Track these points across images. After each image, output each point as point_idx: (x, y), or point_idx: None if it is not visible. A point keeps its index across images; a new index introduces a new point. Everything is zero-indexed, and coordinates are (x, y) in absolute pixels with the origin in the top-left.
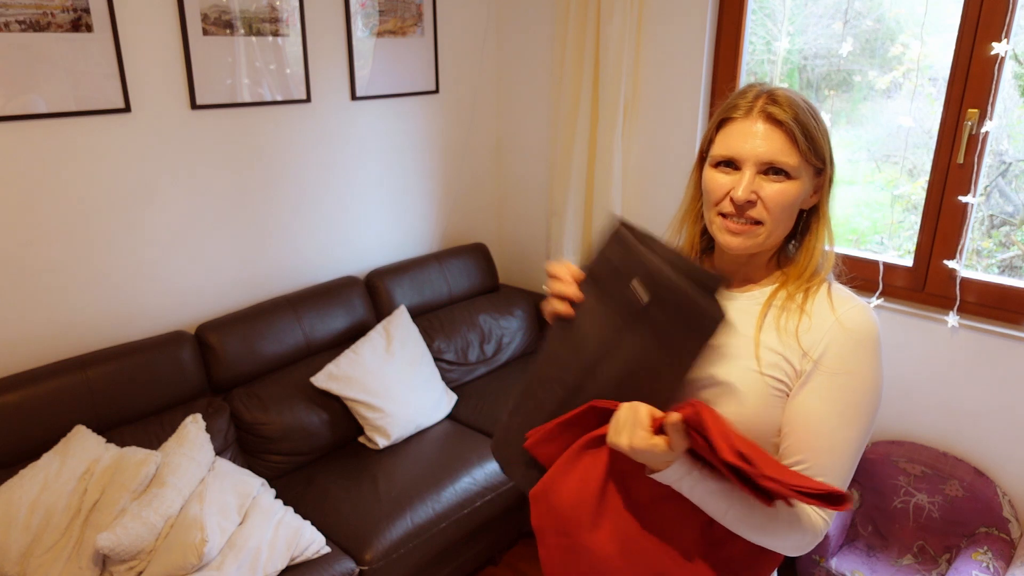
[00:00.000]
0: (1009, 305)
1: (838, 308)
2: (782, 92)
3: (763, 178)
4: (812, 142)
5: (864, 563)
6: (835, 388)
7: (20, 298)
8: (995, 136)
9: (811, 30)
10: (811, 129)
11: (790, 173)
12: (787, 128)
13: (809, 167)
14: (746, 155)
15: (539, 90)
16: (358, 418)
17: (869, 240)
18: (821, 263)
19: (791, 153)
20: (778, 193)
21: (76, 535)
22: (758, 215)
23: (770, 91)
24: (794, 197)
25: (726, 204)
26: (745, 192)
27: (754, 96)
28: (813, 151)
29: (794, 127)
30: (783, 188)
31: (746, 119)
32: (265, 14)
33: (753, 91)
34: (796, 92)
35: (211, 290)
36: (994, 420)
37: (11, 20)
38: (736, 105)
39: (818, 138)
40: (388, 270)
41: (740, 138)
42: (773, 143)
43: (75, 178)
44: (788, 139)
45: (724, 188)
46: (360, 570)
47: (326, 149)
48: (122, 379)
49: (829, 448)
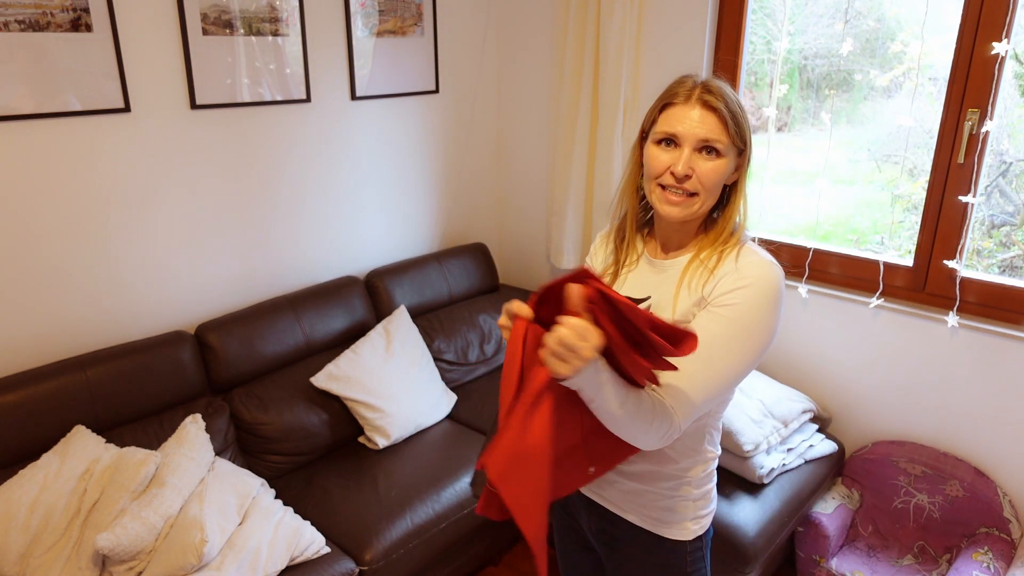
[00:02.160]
0: (1010, 305)
1: (740, 260)
2: (714, 83)
3: (698, 155)
4: (738, 126)
5: (864, 563)
6: (715, 317)
7: (20, 298)
8: (995, 136)
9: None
10: (737, 115)
11: (720, 151)
12: (720, 113)
13: (734, 148)
14: (686, 134)
15: (539, 90)
16: (358, 418)
17: (869, 240)
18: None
19: (722, 133)
20: (711, 169)
21: (76, 535)
22: (693, 187)
23: (704, 82)
24: (723, 172)
25: (667, 177)
26: (684, 167)
27: (691, 85)
28: (739, 133)
29: (725, 112)
30: (715, 165)
31: (686, 104)
32: (265, 14)
33: (691, 80)
34: (725, 83)
35: (211, 290)
36: (995, 420)
37: (10, 20)
38: (677, 92)
39: (742, 123)
40: (388, 270)
41: (680, 120)
42: (708, 125)
43: (75, 178)
44: (720, 122)
45: (665, 163)
46: (360, 570)
47: (326, 149)
48: (122, 379)
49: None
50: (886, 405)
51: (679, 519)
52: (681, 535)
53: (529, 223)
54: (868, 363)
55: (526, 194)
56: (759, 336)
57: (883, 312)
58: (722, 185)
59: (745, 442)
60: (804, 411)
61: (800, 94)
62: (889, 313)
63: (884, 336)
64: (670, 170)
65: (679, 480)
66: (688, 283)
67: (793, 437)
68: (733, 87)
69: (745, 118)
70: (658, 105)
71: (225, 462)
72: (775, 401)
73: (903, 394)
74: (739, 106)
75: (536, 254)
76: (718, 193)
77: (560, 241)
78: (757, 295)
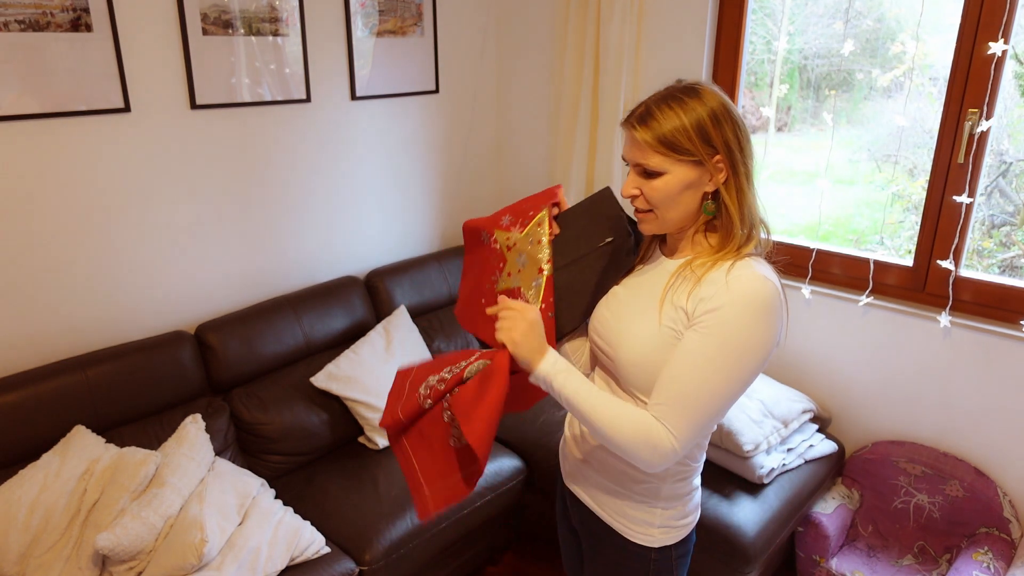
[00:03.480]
0: (1009, 305)
1: (730, 274)
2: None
3: (642, 175)
4: (671, 145)
5: (864, 563)
6: (702, 335)
7: (20, 298)
8: (995, 136)
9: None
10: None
11: (658, 171)
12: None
13: (683, 162)
14: (627, 157)
15: (539, 90)
16: (358, 418)
17: (869, 240)
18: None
19: (650, 155)
20: (652, 188)
21: (76, 535)
22: (642, 205)
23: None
24: (672, 187)
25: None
26: (626, 189)
27: (635, 107)
28: (674, 150)
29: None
30: (657, 184)
31: (625, 127)
32: (265, 14)
33: (638, 108)
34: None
35: (211, 290)
36: (995, 420)
37: (10, 20)
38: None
39: (680, 140)
40: (388, 270)
41: (624, 142)
42: (638, 148)
43: (75, 178)
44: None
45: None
46: (360, 570)
47: (326, 149)
48: (122, 379)
49: (681, 388)
50: (886, 405)
51: (644, 524)
52: (645, 541)
53: None
54: (868, 363)
55: (526, 194)
56: (751, 353)
57: (883, 312)
58: (681, 198)
59: (745, 442)
60: (804, 411)
61: (800, 94)
62: (889, 313)
63: (884, 336)
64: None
65: (648, 484)
66: (674, 288)
67: (793, 437)
68: (733, 87)
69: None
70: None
71: (225, 462)
72: (775, 401)
73: (903, 394)
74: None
75: None
76: (681, 205)
77: None
78: (743, 312)
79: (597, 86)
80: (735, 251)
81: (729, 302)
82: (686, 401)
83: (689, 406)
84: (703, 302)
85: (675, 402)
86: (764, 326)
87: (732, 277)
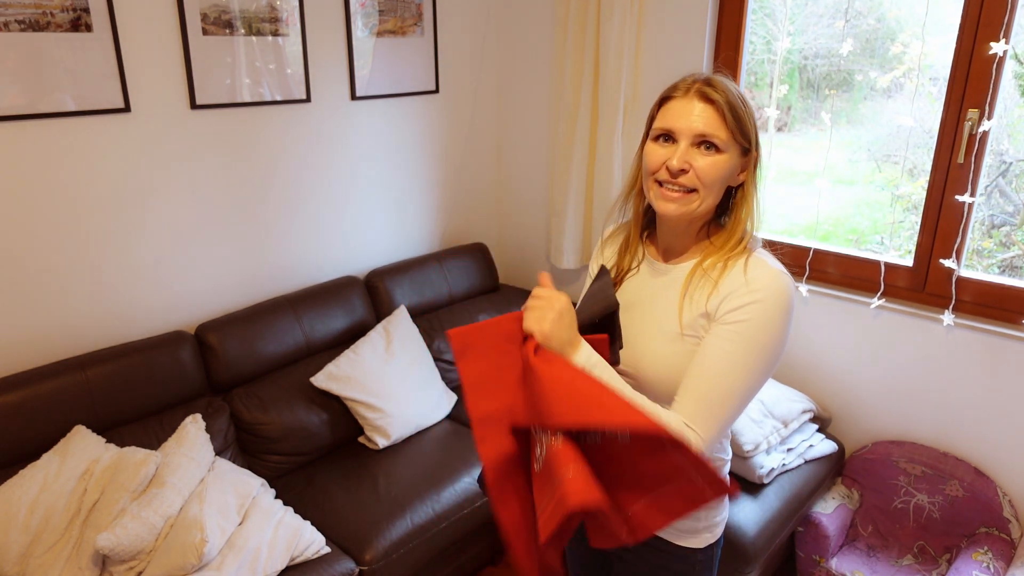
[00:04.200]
0: (1009, 305)
1: (749, 272)
2: (717, 78)
3: (696, 150)
4: (739, 122)
5: (864, 563)
6: (727, 334)
7: (20, 298)
8: (995, 136)
9: (811, 30)
10: (739, 110)
11: (719, 147)
12: (718, 107)
13: (736, 145)
14: (682, 128)
15: (539, 90)
16: (358, 418)
17: (869, 240)
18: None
19: (721, 128)
20: (709, 164)
21: (76, 535)
22: (690, 182)
23: (707, 77)
24: (723, 169)
25: (663, 172)
26: (679, 161)
27: (692, 80)
28: (740, 130)
29: (724, 106)
30: (714, 160)
31: (684, 98)
32: (265, 14)
33: (692, 76)
34: (731, 81)
35: (211, 290)
36: (994, 420)
37: (10, 20)
38: (677, 87)
39: (745, 119)
40: (388, 270)
41: (678, 114)
42: (706, 119)
43: (75, 178)
44: (719, 116)
45: (661, 158)
46: (360, 570)
47: (326, 149)
48: (122, 379)
49: (706, 388)
50: (886, 405)
51: (697, 528)
52: (694, 543)
53: (529, 223)
54: (868, 363)
55: (526, 194)
56: (773, 349)
57: (883, 312)
58: (723, 184)
59: (745, 442)
60: (804, 411)
61: (800, 94)
62: (889, 313)
63: (884, 336)
64: (665, 165)
65: None
66: (691, 293)
67: (793, 437)
68: None
69: (750, 116)
70: (658, 101)
71: (225, 462)
72: (775, 401)
73: (903, 394)
74: (743, 102)
75: (536, 254)
76: (719, 192)
77: (560, 241)
78: (769, 309)
79: (597, 86)
80: (741, 246)
81: (752, 300)
82: (711, 401)
83: (714, 406)
84: (725, 300)
85: (700, 402)
86: (785, 321)
87: (751, 276)
